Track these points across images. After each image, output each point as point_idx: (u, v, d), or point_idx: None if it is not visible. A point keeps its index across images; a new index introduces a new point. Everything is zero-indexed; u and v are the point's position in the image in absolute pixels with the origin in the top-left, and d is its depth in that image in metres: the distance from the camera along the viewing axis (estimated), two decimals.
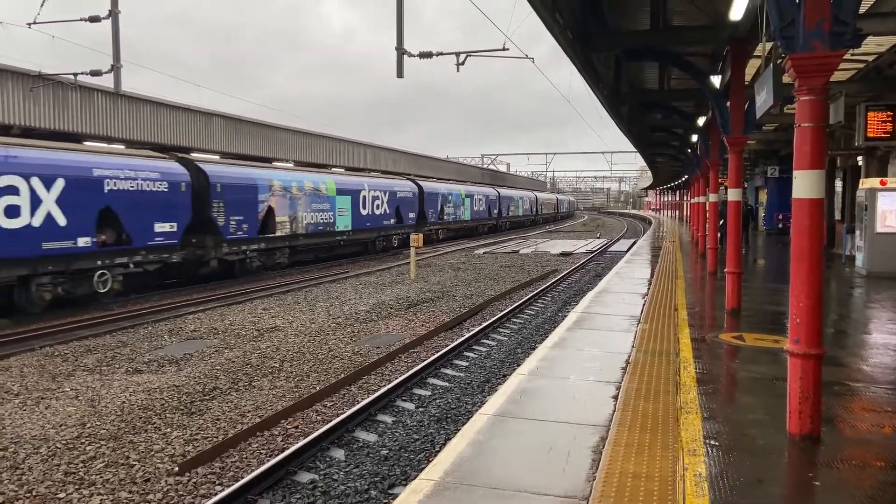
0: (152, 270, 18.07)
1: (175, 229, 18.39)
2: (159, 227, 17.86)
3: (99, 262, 16.16)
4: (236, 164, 22.87)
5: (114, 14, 15.91)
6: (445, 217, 40.02)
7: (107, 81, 17.02)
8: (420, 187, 36.45)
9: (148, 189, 17.50)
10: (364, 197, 29.35)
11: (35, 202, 14.49)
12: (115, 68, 16.28)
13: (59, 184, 15.03)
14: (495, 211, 51.31)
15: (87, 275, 15.87)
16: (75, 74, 17.62)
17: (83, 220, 15.62)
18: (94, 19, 16.01)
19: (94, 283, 16.02)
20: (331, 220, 26.59)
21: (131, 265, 17.13)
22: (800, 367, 4.59)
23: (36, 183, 14.51)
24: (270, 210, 22.57)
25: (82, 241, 15.59)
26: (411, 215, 34.56)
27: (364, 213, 29.21)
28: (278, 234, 23.02)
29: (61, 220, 15.04)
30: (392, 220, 32.11)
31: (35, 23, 16.27)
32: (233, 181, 20.94)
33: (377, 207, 30.55)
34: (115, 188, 16.52)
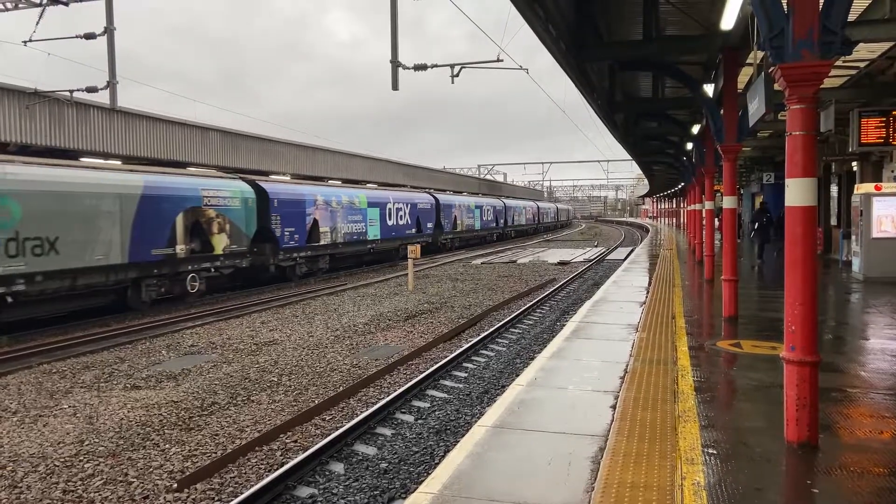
0: (227, 274, 20.98)
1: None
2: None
3: (189, 267, 19.03)
4: (288, 182, 26.58)
5: (109, 31, 15.99)
6: (458, 227, 42.93)
7: (104, 98, 17.08)
8: (437, 199, 39.56)
9: (226, 206, 20.57)
10: (390, 209, 32.32)
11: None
12: (111, 84, 16.36)
13: (184, 204, 18.93)
14: (501, 220, 53.94)
15: (181, 277, 18.83)
16: (71, 91, 17.71)
17: (182, 232, 18.84)
18: (90, 36, 16.09)
19: (186, 284, 18.95)
20: (363, 231, 29.57)
21: (212, 269, 19.99)
22: (796, 374, 4.60)
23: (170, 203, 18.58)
24: (315, 222, 25.53)
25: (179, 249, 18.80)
26: (429, 225, 37.78)
27: (390, 223, 32.20)
28: (322, 242, 26.07)
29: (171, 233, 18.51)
30: (413, 230, 35.06)
31: (31, 40, 16.34)
32: (286, 197, 23.92)
33: (401, 218, 33.64)
34: (208, 205, 19.87)
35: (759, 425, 5.18)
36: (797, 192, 4.58)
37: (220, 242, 20.19)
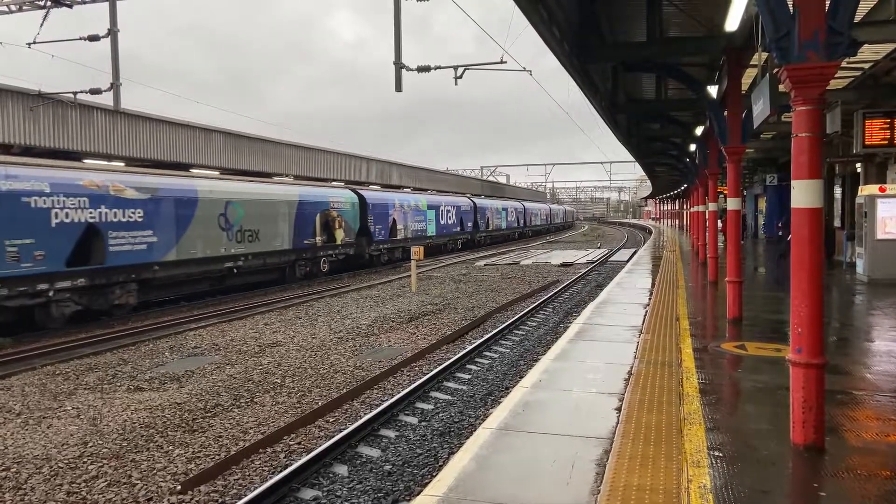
0: (342, 259, 27.51)
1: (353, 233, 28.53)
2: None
3: (321, 253, 25.74)
4: (376, 190, 34.21)
5: (112, 33, 16.01)
6: (490, 226, 49.70)
7: (107, 99, 17.11)
8: (474, 203, 46.46)
9: (342, 208, 27.63)
10: (442, 211, 39.53)
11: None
12: (115, 86, 16.37)
13: (320, 207, 25.97)
14: (522, 221, 60.60)
15: (317, 260, 25.55)
16: (75, 93, 17.73)
17: (318, 228, 25.74)
18: (94, 38, 16.11)
19: (320, 265, 25.74)
20: (424, 228, 36.72)
21: (334, 255, 26.81)
22: (802, 376, 4.58)
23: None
24: (394, 221, 32.48)
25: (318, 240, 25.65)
26: (469, 224, 44.99)
27: (442, 222, 39.46)
28: (398, 237, 32.82)
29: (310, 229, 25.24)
30: (458, 229, 42.81)
31: (35, 42, 16.38)
32: (377, 202, 30.97)
33: (449, 219, 41.04)
34: (333, 207, 26.97)
35: (764, 428, 5.16)
36: (803, 194, 4.56)
37: (340, 236, 27.28)
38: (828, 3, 4.31)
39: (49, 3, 17.03)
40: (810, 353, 4.56)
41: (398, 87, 14.18)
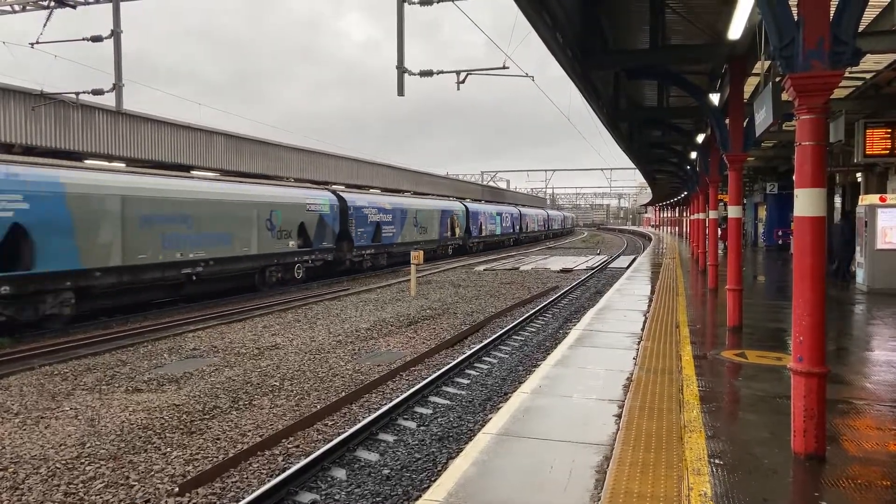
0: (319, 266, 26.12)
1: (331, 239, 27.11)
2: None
3: (296, 259, 24.33)
4: (359, 193, 31.95)
5: (116, 34, 16.03)
6: (483, 232, 48.44)
7: (110, 100, 17.13)
8: (466, 207, 44.90)
9: (319, 211, 26.07)
10: (412, 215, 36.14)
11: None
12: (117, 87, 16.39)
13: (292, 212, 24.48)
14: (518, 227, 59.48)
15: (291, 266, 24.22)
16: (77, 93, 17.74)
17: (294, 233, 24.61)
18: (97, 39, 16.14)
19: (294, 272, 24.38)
20: (405, 232, 34.80)
21: (311, 261, 25.36)
22: (804, 385, 4.57)
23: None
24: (379, 225, 31.15)
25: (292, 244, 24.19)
26: (460, 231, 43.56)
27: (413, 228, 36.38)
28: (382, 243, 31.53)
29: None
30: (448, 234, 41.35)
31: (38, 42, 16.40)
32: (360, 205, 29.52)
33: (430, 225, 38.38)
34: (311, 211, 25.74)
35: (765, 436, 5.15)
36: (807, 203, 4.56)
37: (294, 240, 26.91)
38: (832, 11, 4.32)
39: (52, 4, 17.06)
40: (812, 362, 4.56)
41: (400, 91, 14.21)
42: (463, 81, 16.16)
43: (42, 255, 14.59)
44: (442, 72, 16.17)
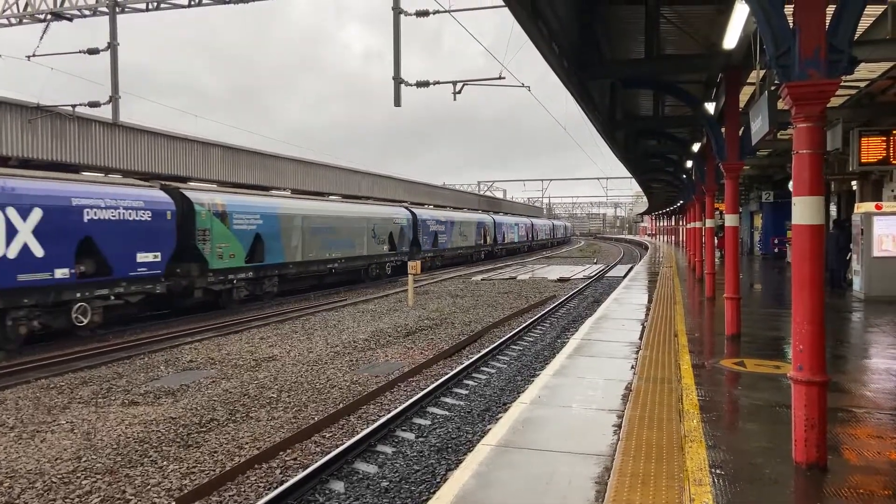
0: (399, 265, 32.27)
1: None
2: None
3: (387, 259, 32.00)
4: (430, 209, 41.79)
5: (112, 46, 16.06)
6: (505, 240, 55.90)
7: (107, 112, 17.12)
8: (494, 220, 52.48)
9: (401, 223, 33.83)
10: (458, 225, 43.68)
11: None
12: (114, 99, 16.40)
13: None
14: (530, 235, 66.72)
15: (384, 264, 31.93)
16: (73, 106, 17.74)
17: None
18: (93, 51, 16.17)
19: (385, 268, 32.18)
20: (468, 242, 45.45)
21: (396, 261, 32.74)
22: (804, 394, 4.55)
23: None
24: (436, 234, 39.07)
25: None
26: (490, 240, 50.92)
27: (458, 237, 43.75)
28: (438, 247, 39.18)
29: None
30: (481, 241, 48.82)
31: (35, 55, 16.41)
32: (426, 218, 38.22)
33: (469, 234, 45.99)
34: (395, 223, 33.46)
35: (766, 445, 5.13)
36: (805, 211, 4.56)
37: (386, 245, 32.01)
38: (828, 20, 4.34)
39: (49, 16, 17.10)
40: (812, 370, 4.54)
41: (397, 102, 14.24)
42: (459, 92, 16.21)
43: (267, 253, 22.32)
44: (438, 82, 16.22)
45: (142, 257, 17.22)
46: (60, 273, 15.02)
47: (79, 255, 15.50)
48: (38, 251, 14.52)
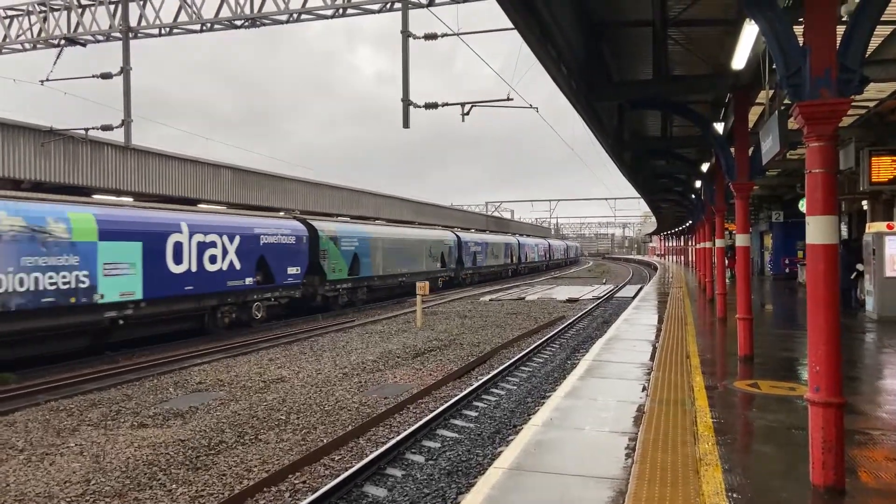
0: (447, 280, 40.02)
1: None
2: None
3: (439, 275, 38.25)
4: (473, 233, 49.14)
5: (125, 71, 16.27)
6: (528, 260, 62.56)
7: (120, 136, 17.30)
8: (518, 241, 59.44)
9: (449, 245, 41.13)
10: (491, 246, 50.13)
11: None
12: (126, 123, 16.57)
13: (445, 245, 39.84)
14: (547, 255, 72.83)
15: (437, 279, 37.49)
16: (86, 129, 17.94)
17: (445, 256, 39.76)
18: (106, 76, 16.38)
19: (438, 283, 37.80)
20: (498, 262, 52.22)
21: (446, 277, 40.04)
22: (821, 416, 4.49)
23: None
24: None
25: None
26: (515, 259, 57.46)
27: (491, 256, 50.22)
28: (476, 266, 45.44)
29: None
30: (508, 260, 55.17)
31: (48, 80, 16.64)
32: (468, 240, 44.45)
33: (504, 254, 53.65)
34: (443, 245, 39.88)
35: (782, 468, 5.05)
36: (818, 230, 4.53)
37: (439, 263, 38.11)
38: (839, 40, 4.34)
39: (63, 42, 17.36)
40: (829, 392, 4.49)
41: (406, 124, 14.32)
42: (467, 113, 16.30)
43: (361, 268, 28.04)
44: (447, 104, 16.31)
45: (291, 270, 23.11)
46: (248, 281, 20.91)
47: (257, 269, 21.33)
48: (238, 265, 20.22)
